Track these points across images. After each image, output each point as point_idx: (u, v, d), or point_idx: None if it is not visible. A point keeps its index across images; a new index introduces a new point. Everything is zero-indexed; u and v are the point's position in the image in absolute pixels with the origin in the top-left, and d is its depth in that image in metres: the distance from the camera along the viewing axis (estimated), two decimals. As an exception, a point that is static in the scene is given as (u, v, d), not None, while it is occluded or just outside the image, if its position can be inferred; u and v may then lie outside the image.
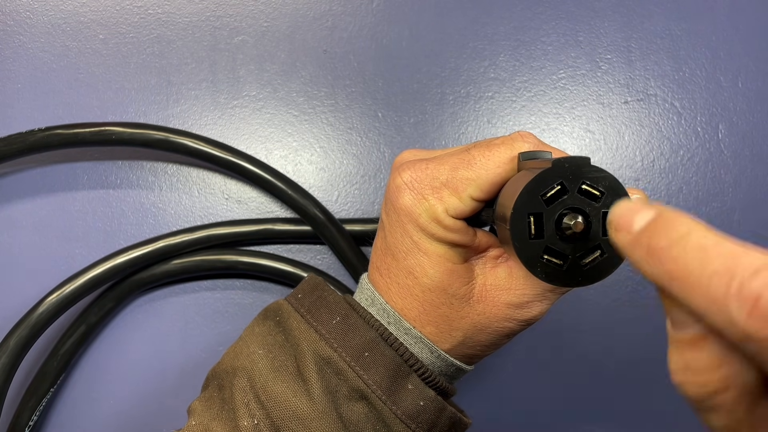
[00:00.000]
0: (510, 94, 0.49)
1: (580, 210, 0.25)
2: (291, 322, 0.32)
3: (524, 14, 0.49)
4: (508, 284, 0.31)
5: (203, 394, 0.33)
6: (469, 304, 0.31)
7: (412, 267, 0.31)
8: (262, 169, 0.45)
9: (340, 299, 0.32)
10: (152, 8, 0.50)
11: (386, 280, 0.32)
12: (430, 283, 0.30)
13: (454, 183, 0.30)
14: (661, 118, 0.48)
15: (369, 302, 0.32)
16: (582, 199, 0.25)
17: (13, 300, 0.46)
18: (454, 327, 0.31)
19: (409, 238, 0.31)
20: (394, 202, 0.31)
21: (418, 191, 0.30)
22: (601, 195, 0.25)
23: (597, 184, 0.25)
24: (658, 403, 0.47)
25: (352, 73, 0.49)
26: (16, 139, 0.44)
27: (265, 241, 0.47)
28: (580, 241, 0.26)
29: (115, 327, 0.47)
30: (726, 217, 0.48)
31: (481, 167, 0.29)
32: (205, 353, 0.47)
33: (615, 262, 0.26)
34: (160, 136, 0.44)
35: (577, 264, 0.26)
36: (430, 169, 0.30)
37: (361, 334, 0.31)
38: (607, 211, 0.25)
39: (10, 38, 0.49)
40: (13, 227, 0.48)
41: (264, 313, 0.34)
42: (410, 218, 0.30)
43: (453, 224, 0.30)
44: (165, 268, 0.45)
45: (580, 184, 0.25)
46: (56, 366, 0.44)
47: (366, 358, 0.30)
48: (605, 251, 0.26)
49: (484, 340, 0.31)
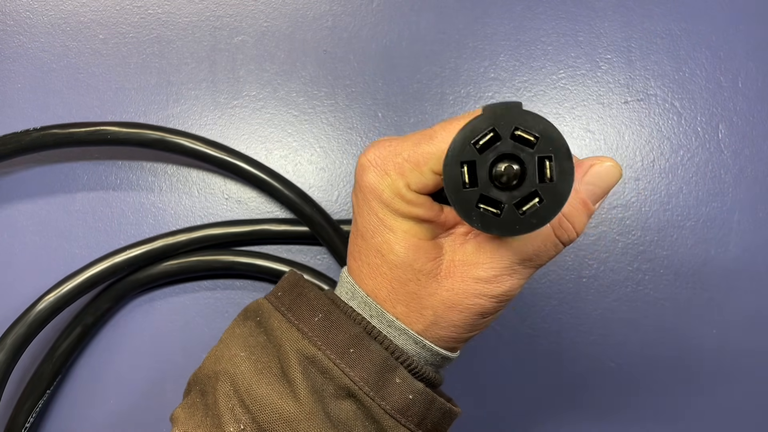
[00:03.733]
0: (510, 94, 0.49)
1: (514, 156, 0.25)
2: (272, 322, 0.31)
3: (524, 14, 0.49)
4: (476, 259, 0.30)
5: (185, 400, 0.32)
6: (437, 280, 0.30)
7: (379, 245, 0.31)
8: (259, 169, 0.45)
9: (321, 295, 0.32)
10: (152, 8, 0.50)
11: (358, 263, 0.32)
12: (396, 259, 0.30)
13: (416, 157, 0.29)
14: (661, 118, 0.48)
15: (350, 295, 0.32)
16: (516, 146, 0.25)
17: (13, 300, 0.45)
18: (423, 305, 0.30)
19: (375, 216, 0.30)
20: (359, 181, 0.31)
21: (381, 167, 0.30)
22: (536, 140, 0.24)
23: (531, 130, 0.24)
24: (658, 402, 0.47)
25: (352, 73, 0.49)
26: (11, 139, 0.44)
27: (262, 241, 0.47)
28: (517, 189, 0.25)
29: (114, 327, 0.47)
30: (726, 217, 0.48)
31: (441, 140, 0.29)
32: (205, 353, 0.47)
33: (554, 209, 0.25)
34: (156, 135, 0.44)
35: (514, 212, 0.25)
36: (393, 146, 0.30)
37: (345, 330, 0.30)
38: (543, 156, 0.24)
39: (10, 38, 0.49)
40: (13, 227, 0.48)
41: (244, 314, 0.33)
42: (374, 195, 0.30)
43: (416, 198, 0.30)
44: (162, 269, 0.45)
45: (512, 130, 0.24)
46: (52, 368, 0.44)
47: (351, 354, 0.30)
48: (543, 198, 0.25)
49: (456, 320, 0.31)
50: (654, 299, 0.47)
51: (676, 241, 0.48)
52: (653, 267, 0.48)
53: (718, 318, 0.47)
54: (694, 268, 0.48)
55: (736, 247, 0.47)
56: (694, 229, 0.48)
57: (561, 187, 0.25)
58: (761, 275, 0.47)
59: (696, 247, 0.48)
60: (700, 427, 0.47)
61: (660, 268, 0.48)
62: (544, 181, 0.25)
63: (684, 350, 0.47)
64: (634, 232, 0.48)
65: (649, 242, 0.48)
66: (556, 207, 0.25)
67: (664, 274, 0.48)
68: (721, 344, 0.47)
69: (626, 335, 0.47)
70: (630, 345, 0.47)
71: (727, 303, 0.47)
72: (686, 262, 0.48)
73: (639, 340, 0.47)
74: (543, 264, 0.31)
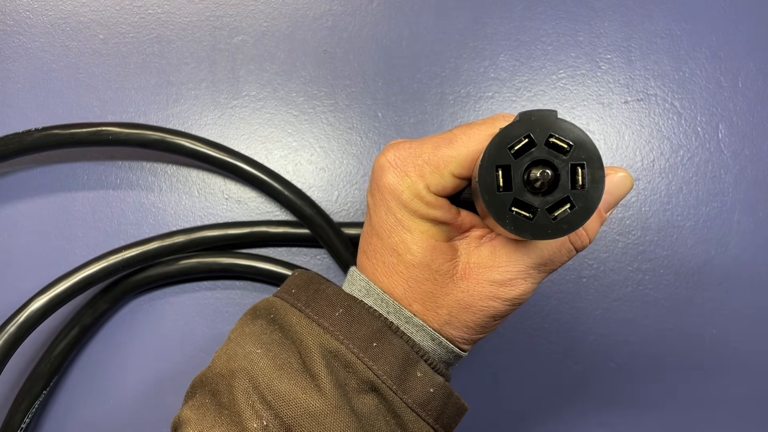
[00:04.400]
0: (510, 94, 0.49)
1: (548, 162, 0.26)
2: (289, 318, 0.31)
3: (524, 14, 0.49)
4: (491, 262, 0.31)
5: (191, 402, 0.32)
6: (453, 280, 0.31)
7: (396, 244, 0.31)
8: (259, 170, 0.45)
9: (339, 290, 0.32)
10: (152, 8, 0.50)
11: (372, 261, 0.32)
12: (413, 259, 0.31)
13: (436, 160, 0.30)
14: (661, 118, 0.48)
15: (365, 293, 0.32)
16: (550, 152, 0.26)
17: (13, 300, 0.45)
18: (439, 304, 0.31)
19: (392, 216, 0.31)
20: (378, 181, 0.31)
21: (401, 169, 0.31)
22: (570, 148, 0.25)
23: (565, 137, 0.25)
24: (658, 402, 0.47)
25: (352, 73, 0.49)
26: (12, 140, 0.44)
27: (261, 243, 0.47)
28: (549, 194, 0.26)
29: (113, 327, 0.47)
30: (726, 217, 0.48)
31: (462, 145, 0.30)
32: (205, 353, 0.47)
33: (585, 215, 0.26)
34: (156, 136, 0.44)
35: (547, 217, 0.26)
36: (413, 148, 0.31)
37: (367, 324, 0.31)
38: (576, 164, 0.25)
39: (10, 38, 0.49)
40: (14, 227, 0.48)
41: (252, 313, 0.33)
42: (393, 195, 0.31)
43: (435, 201, 0.30)
44: (161, 270, 0.45)
45: (547, 137, 0.25)
46: (49, 368, 0.44)
47: (375, 348, 0.30)
48: (575, 204, 0.26)
49: (469, 321, 0.31)
50: (654, 299, 0.47)
51: (676, 241, 0.48)
52: (653, 267, 0.48)
53: (718, 318, 0.47)
54: (694, 268, 0.48)
55: (736, 247, 0.48)
56: (694, 229, 0.48)
57: (592, 195, 0.26)
58: (761, 275, 0.47)
59: (696, 247, 0.48)
60: (701, 426, 0.47)
61: (660, 268, 0.48)
62: (576, 187, 0.26)
63: (684, 350, 0.47)
64: (634, 232, 0.48)
65: (649, 242, 0.48)
66: (587, 213, 0.26)
67: (664, 274, 0.48)
68: (721, 344, 0.47)
69: (626, 335, 0.47)
70: (630, 345, 0.47)
71: (727, 303, 0.47)
72: (686, 262, 0.48)
73: (639, 340, 0.47)
74: (556, 269, 0.32)
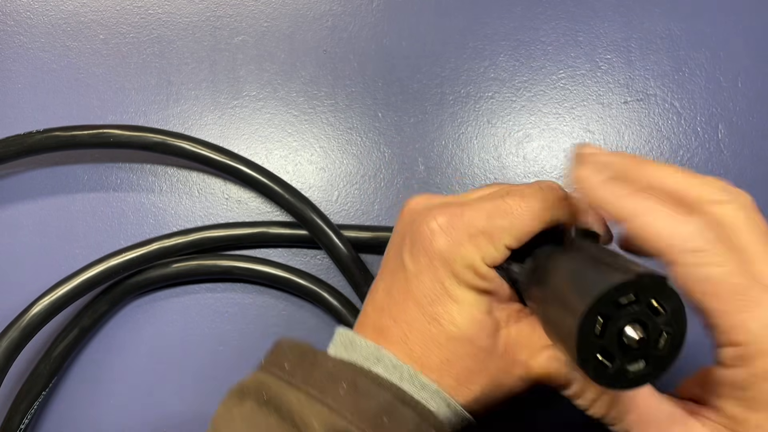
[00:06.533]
0: (510, 94, 0.49)
1: (643, 322, 0.26)
2: (288, 398, 0.28)
3: (524, 14, 0.49)
4: (530, 341, 0.30)
5: None
6: (491, 358, 0.30)
7: (439, 314, 0.29)
8: (260, 172, 0.45)
9: (339, 363, 0.29)
10: (152, 8, 0.50)
11: (403, 327, 0.30)
12: (456, 331, 0.29)
13: (491, 231, 0.29)
14: (660, 118, 0.48)
15: (374, 360, 0.30)
16: (647, 312, 0.26)
17: (14, 301, 0.46)
18: (473, 381, 0.30)
19: (439, 284, 0.30)
20: (426, 247, 0.30)
21: (454, 237, 0.29)
22: (664, 313, 0.26)
23: (665, 304, 0.26)
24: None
25: (352, 73, 0.49)
26: (14, 141, 0.44)
27: (261, 244, 0.47)
28: (631, 350, 0.26)
29: (113, 328, 0.47)
30: (725, 217, 0.48)
31: (518, 218, 0.29)
32: (205, 353, 0.47)
33: (655, 375, 0.26)
34: (157, 139, 0.45)
35: (623, 369, 0.26)
36: (466, 215, 0.30)
37: (375, 397, 0.28)
38: (666, 330, 0.26)
39: (10, 38, 0.49)
40: (14, 228, 0.48)
41: (238, 393, 0.30)
42: (444, 263, 0.29)
43: (487, 272, 0.29)
44: (160, 272, 0.45)
45: (650, 299, 0.26)
46: (48, 369, 0.44)
47: (385, 424, 0.28)
48: (649, 364, 0.26)
49: (498, 397, 0.30)
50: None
51: (676, 241, 0.48)
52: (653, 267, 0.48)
53: (717, 318, 0.47)
54: (693, 268, 0.48)
55: (735, 247, 0.48)
56: (694, 229, 0.48)
57: (667, 360, 0.27)
58: (760, 275, 0.47)
59: (695, 247, 0.48)
60: (699, 426, 0.47)
61: (660, 267, 0.48)
62: (657, 349, 0.26)
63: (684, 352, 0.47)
64: (634, 232, 0.48)
65: (649, 242, 0.48)
66: (658, 374, 0.26)
67: (663, 274, 0.48)
68: (720, 344, 0.47)
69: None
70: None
71: (727, 303, 0.47)
72: (686, 262, 0.48)
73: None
74: None
